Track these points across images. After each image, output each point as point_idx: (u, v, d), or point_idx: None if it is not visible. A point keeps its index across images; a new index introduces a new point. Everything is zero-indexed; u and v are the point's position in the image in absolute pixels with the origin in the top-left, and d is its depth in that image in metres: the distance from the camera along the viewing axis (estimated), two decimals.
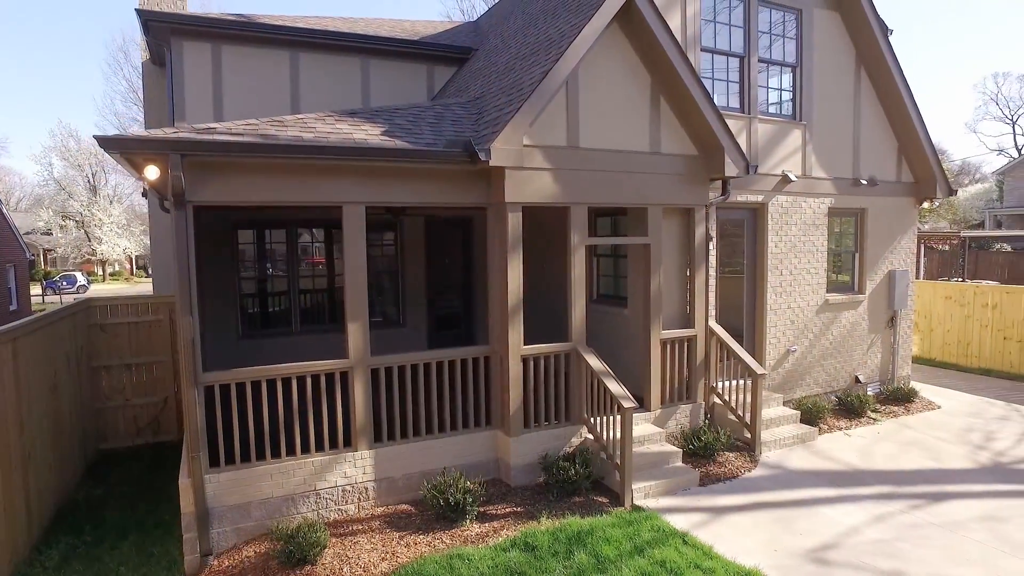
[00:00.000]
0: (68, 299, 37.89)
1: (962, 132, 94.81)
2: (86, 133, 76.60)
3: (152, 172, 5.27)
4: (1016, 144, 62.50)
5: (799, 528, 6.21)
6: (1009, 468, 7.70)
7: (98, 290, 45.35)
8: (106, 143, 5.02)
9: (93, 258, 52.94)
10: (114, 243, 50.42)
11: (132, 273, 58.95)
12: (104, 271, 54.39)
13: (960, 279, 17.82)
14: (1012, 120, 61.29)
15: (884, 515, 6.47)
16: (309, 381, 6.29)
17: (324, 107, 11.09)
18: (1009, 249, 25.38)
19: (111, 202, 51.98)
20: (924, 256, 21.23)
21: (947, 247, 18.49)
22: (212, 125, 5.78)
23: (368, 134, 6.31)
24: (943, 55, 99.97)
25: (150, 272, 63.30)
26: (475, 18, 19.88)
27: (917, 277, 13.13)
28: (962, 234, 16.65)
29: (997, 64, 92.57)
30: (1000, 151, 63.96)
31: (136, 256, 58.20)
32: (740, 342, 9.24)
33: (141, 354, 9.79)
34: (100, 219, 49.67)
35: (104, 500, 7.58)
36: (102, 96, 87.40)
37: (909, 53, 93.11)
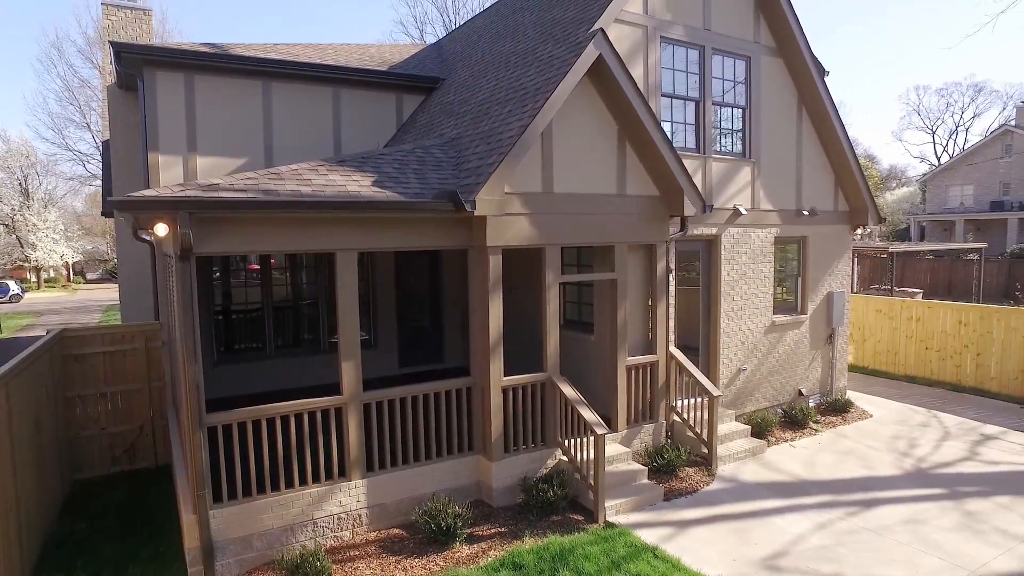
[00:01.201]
0: (2, 308, 36.25)
1: (890, 139, 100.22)
2: (16, 133, 72.87)
3: (162, 230, 5.58)
4: (936, 152, 66.68)
5: (754, 538, 6.98)
6: (928, 473, 8.71)
7: (34, 299, 43.53)
8: (119, 205, 5.31)
9: (26, 264, 50.64)
10: (50, 249, 48.41)
11: (69, 280, 56.63)
12: (39, 278, 52.08)
13: (889, 286, 19.30)
14: (932, 130, 65.41)
15: (825, 523, 7.31)
16: (306, 418, 6.68)
17: (297, 135, 11.41)
18: (931, 257, 27.38)
19: (45, 206, 49.80)
20: (858, 263, 22.81)
21: (880, 256, 20.11)
22: (215, 181, 6.10)
23: (360, 185, 6.75)
24: (875, 66, 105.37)
25: (89, 278, 60.85)
26: (432, 37, 20.24)
27: (852, 282, 14.24)
28: (890, 249, 18.13)
29: (920, 77, 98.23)
30: (922, 159, 68.10)
31: (74, 262, 55.91)
32: (696, 357, 10.05)
33: (116, 382, 9.89)
34: (34, 224, 47.58)
35: (89, 534, 7.68)
36: (33, 95, 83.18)
37: (846, 61, 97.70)
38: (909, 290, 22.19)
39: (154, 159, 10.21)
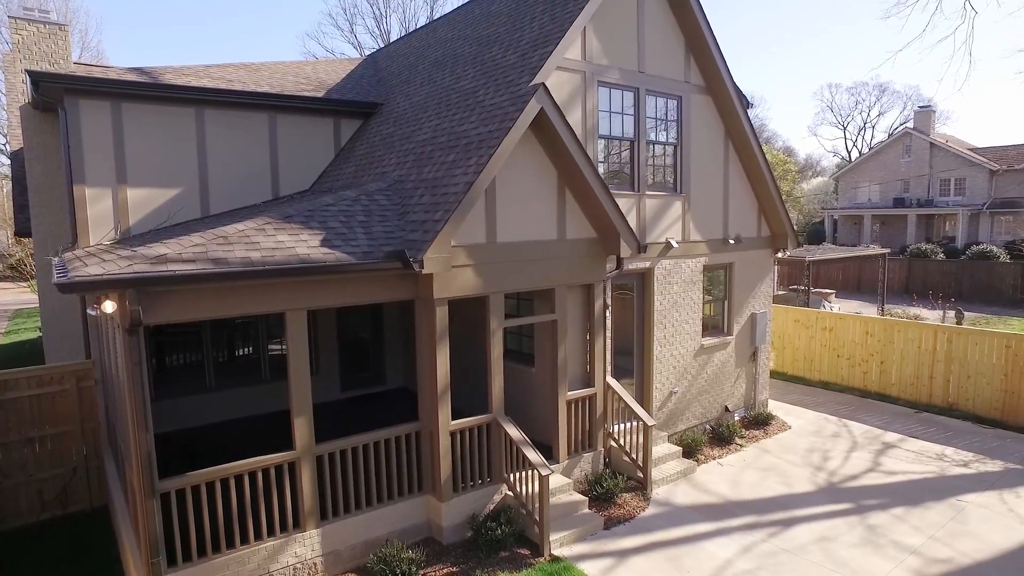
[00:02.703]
0: None
1: (806, 134, 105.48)
2: None
3: (109, 306, 5.54)
4: (847, 147, 70.76)
5: (686, 565, 7.58)
6: (838, 488, 9.60)
7: None
8: (65, 288, 5.24)
9: None
10: None
11: None
12: None
13: (807, 286, 20.65)
14: (843, 126, 69.34)
15: (749, 545, 8.01)
16: (260, 475, 6.77)
17: (233, 163, 11.21)
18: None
19: None
20: (779, 266, 24.22)
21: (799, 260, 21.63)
22: (163, 251, 6.05)
23: (309, 246, 6.83)
24: (792, 58, 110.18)
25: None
26: (362, 29, 19.90)
27: (774, 283, 15.16)
28: (807, 259, 19.42)
29: (834, 75, 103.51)
30: (835, 153, 72.13)
31: None
32: (629, 380, 10.62)
33: (45, 426, 9.56)
34: None
35: None
36: None
37: (769, 57, 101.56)
38: (823, 291, 23.77)
39: (80, 192, 9.83)
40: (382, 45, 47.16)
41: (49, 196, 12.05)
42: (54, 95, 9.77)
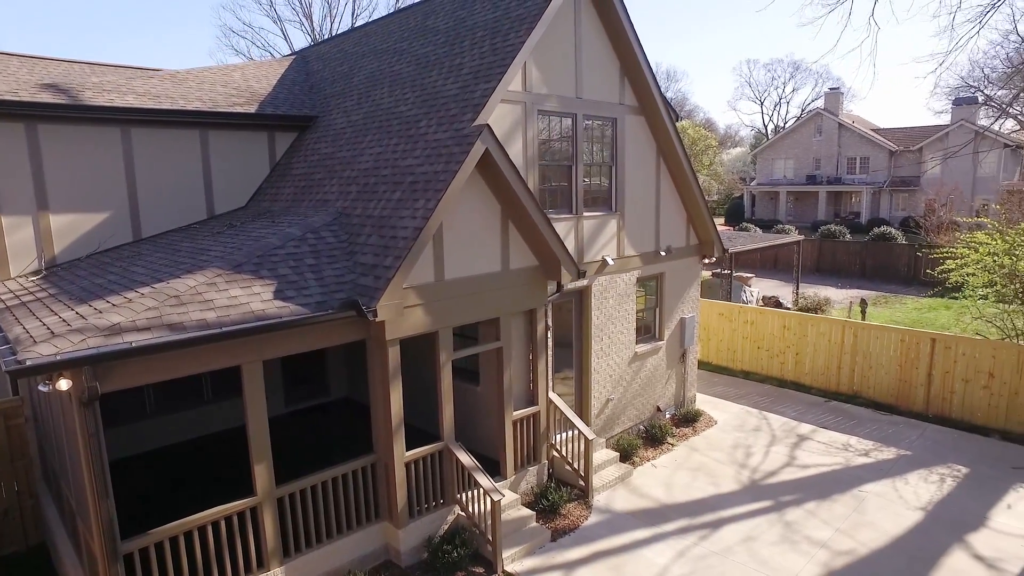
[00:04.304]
0: None
1: (726, 108, 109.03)
2: None
3: (64, 384, 5.51)
4: (764, 122, 73.78)
5: (628, 573, 8.29)
6: (760, 485, 10.59)
7: None
8: (17, 374, 5.18)
9: None
10: None
11: None
12: None
13: (729, 270, 21.88)
14: (760, 101, 72.21)
15: (683, 550, 8.81)
16: (223, 523, 6.92)
17: (163, 182, 10.91)
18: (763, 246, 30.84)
19: None
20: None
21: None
22: (116, 320, 6.00)
23: (263, 300, 6.90)
24: (712, 31, 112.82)
25: None
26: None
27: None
28: (729, 250, 20.53)
29: (753, 51, 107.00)
30: (752, 127, 75.12)
31: None
32: (569, 384, 11.21)
33: None
34: None
35: None
36: None
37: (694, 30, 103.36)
38: (743, 275, 25.21)
39: None
40: (303, 20, 45.31)
41: None
42: None
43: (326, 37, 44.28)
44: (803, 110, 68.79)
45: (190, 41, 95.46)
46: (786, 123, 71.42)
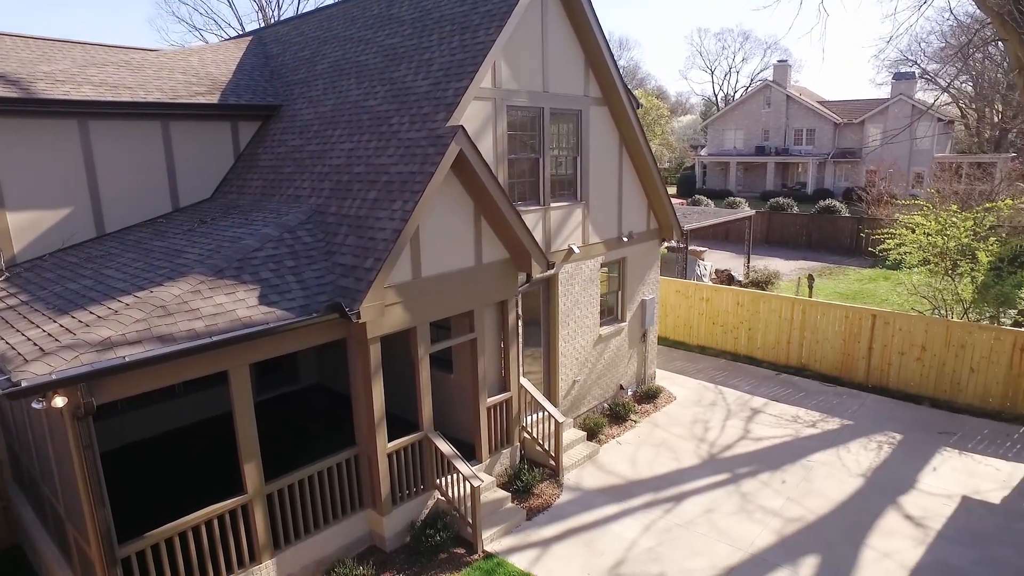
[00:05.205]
0: None
1: (677, 77, 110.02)
2: None
3: (60, 401, 5.61)
4: (714, 91, 74.83)
5: (600, 548, 8.90)
6: (718, 459, 11.35)
7: None
8: (19, 395, 5.26)
9: None
10: None
11: None
12: None
13: (685, 245, 22.65)
14: (711, 71, 73.19)
15: (649, 524, 9.47)
16: (216, 522, 7.15)
17: (126, 175, 10.74)
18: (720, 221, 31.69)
19: None
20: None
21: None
22: (106, 334, 6.08)
23: (248, 306, 7.04)
24: (668, 8, 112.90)
25: None
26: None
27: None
28: (685, 227, 21.20)
29: (705, 20, 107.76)
30: (703, 96, 76.16)
31: None
32: (537, 365, 11.68)
33: None
34: None
35: None
36: None
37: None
38: (697, 249, 26.05)
39: None
40: None
41: None
42: None
43: (272, 4, 42.66)
44: (752, 80, 70.06)
45: (126, 4, 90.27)
46: (736, 93, 72.69)
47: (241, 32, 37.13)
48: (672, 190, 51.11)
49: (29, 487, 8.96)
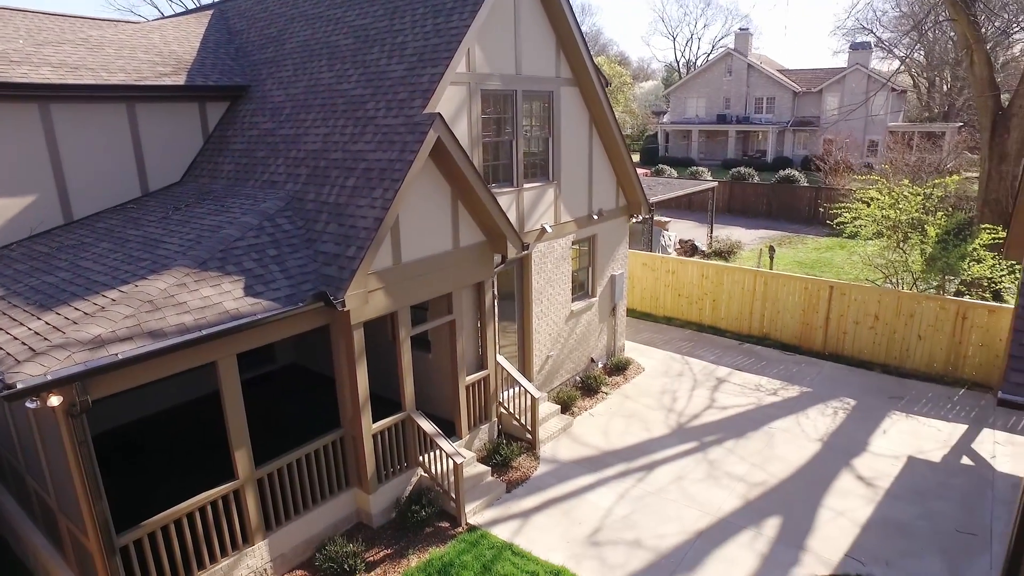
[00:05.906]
0: None
1: (639, 44, 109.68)
2: None
3: (55, 400, 5.69)
4: (676, 57, 75.05)
5: (578, 517, 9.40)
6: (686, 428, 11.94)
7: None
8: (15, 397, 5.33)
9: None
10: None
11: None
12: None
13: (650, 216, 23.12)
14: (673, 37, 73.23)
15: (623, 492, 10.00)
16: (209, 508, 7.35)
17: (92, 160, 10.54)
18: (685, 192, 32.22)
19: None
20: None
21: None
22: (96, 331, 6.13)
23: (234, 297, 7.14)
24: None
25: None
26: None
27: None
28: (651, 200, 21.59)
29: None
30: (665, 62, 76.29)
31: None
32: (512, 339, 12.02)
33: None
34: None
35: None
36: None
37: None
38: (662, 219, 26.55)
39: None
40: None
41: None
42: None
43: None
44: (714, 46, 70.42)
45: None
46: (698, 59, 73.06)
47: (199, 4, 35.69)
48: (636, 158, 51.57)
49: (13, 480, 8.96)
